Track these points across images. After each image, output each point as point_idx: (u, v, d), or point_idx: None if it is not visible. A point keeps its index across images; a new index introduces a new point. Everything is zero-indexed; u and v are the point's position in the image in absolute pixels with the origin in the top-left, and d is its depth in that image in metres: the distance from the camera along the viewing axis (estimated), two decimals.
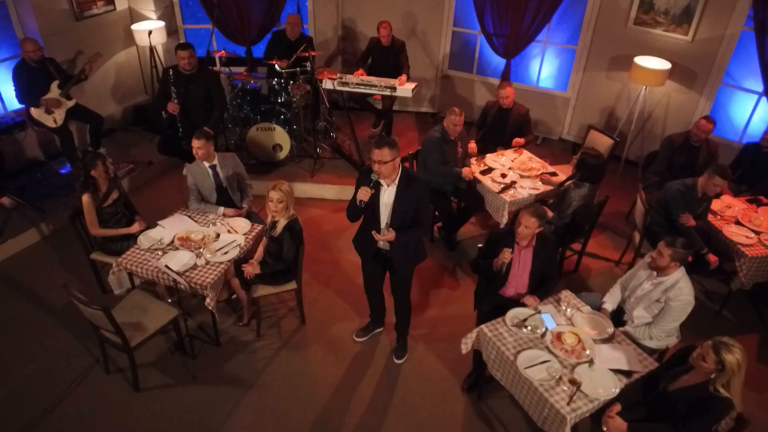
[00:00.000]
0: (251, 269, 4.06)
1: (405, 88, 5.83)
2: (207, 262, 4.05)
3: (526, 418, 3.81)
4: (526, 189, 5.05)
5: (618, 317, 3.86)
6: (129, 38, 6.78)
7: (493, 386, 3.96)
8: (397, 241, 3.61)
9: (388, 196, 3.56)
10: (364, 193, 3.44)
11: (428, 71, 7.50)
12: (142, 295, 4.09)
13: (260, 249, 4.24)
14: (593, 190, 4.62)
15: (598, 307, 3.87)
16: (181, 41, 7.17)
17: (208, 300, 3.90)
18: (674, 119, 6.45)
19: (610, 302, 3.88)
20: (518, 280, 3.91)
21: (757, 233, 4.63)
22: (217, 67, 6.36)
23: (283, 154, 6.24)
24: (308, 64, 6.10)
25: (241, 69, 7.02)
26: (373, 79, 5.88)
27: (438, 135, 5.07)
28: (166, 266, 3.85)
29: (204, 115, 5.56)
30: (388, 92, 5.84)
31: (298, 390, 4.01)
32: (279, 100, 6.26)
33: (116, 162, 6.01)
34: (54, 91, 5.45)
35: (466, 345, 3.76)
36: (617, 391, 3.23)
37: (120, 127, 6.90)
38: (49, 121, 5.45)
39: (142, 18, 6.78)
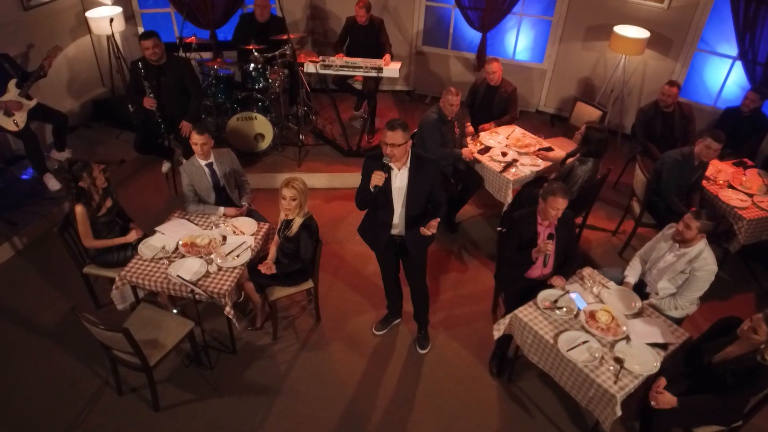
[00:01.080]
0: (266, 270, 3.86)
1: (391, 68, 5.64)
2: (219, 268, 3.81)
3: (559, 397, 3.87)
4: (527, 166, 5.04)
5: (639, 290, 3.92)
6: (81, 27, 6.23)
7: (521, 366, 3.99)
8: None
9: (400, 180, 3.45)
10: (379, 178, 3.32)
11: (402, 48, 7.31)
12: (152, 309, 3.82)
13: (273, 249, 4.03)
14: (597, 164, 4.64)
15: (619, 282, 3.93)
16: (139, 27, 6.69)
17: (227, 309, 3.68)
18: (650, 87, 6.57)
19: (631, 276, 3.94)
20: (542, 260, 3.89)
21: (750, 195, 4.81)
22: (179, 54, 5.95)
23: (265, 144, 5.96)
24: (287, 47, 5.81)
25: (209, 54, 6.62)
26: (358, 61, 5.65)
27: (435, 116, 4.95)
28: (179, 276, 3.61)
29: (180, 106, 5.19)
30: (374, 73, 5.64)
31: (327, 391, 3.89)
32: (256, 87, 5.94)
33: None
34: (12, 90, 4.93)
35: (499, 330, 3.74)
36: (658, 365, 3.29)
37: (81, 124, 6.37)
38: (9, 125, 4.94)
39: (95, 4, 6.23)
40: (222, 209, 4.29)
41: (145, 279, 3.74)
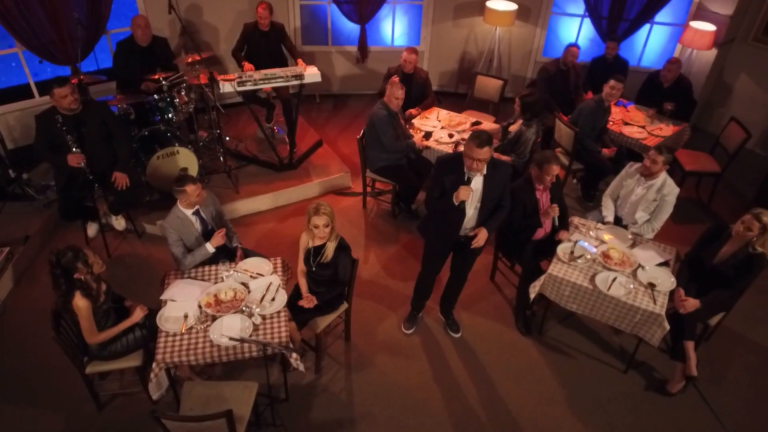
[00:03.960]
0: (308, 303, 3.66)
1: (313, 73, 5.49)
2: (264, 318, 3.51)
3: (584, 334, 4.42)
4: None
5: (617, 224, 4.56)
6: None
7: (540, 319, 4.41)
8: (490, 229, 3.68)
9: (474, 184, 3.54)
10: (466, 193, 3.41)
11: None
12: (202, 385, 3.39)
13: (303, 280, 3.81)
14: (539, 124, 5.17)
15: (602, 222, 4.52)
16: None
17: (295, 356, 3.42)
18: (518, 52, 7.38)
19: (609, 215, 4.56)
20: (547, 222, 4.31)
21: (642, 127, 5.80)
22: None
23: None
24: (197, 68, 5.32)
25: None
26: (277, 71, 5.38)
27: (384, 112, 5.01)
28: (233, 338, 3.25)
29: (108, 157, 4.49)
30: (295, 81, 5.43)
31: (399, 402, 3.86)
32: (165, 117, 5.33)
33: None
34: None
35: (534, 291, 4.08)
36: (674, 280, 3.93)
37: None
38: None
39: None
40: (208, 245, 3.84)
41: (189, 354, 3.28)
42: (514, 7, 6.74)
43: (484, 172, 3.52)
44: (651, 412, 3.88)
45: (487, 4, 6.72)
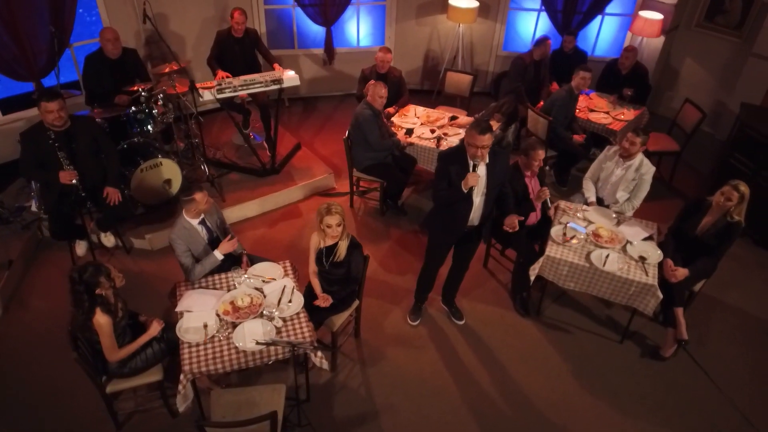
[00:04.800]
0: (325, 303, 3.72)
1: (291, 77, 5.50)
2: (284, 320, 3.54)
3: (578, 311, 4.65)
4: (454, 137, 5.56)
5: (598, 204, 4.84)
6: None
7: (536, 300, 4.63)
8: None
9: (479, 172, 3.66)
10: (475, 179, 3.53)
11: None
12: (228, 392, 3.39)
13: (316, 281, 3.86)
14: (516, 123, 5.42)
15: (586, 203, 4.79)
16: None
17: (320, 354, 3.47)
18: (480, 48, 7.63)
19: (592, 196, 4.83)
20: (539, 206, 4.53)
21: (606, 113, 6.14)
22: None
23: (175, 189, 5.32)
24: (173, 77, 5.24)
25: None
26: (256, 76, 5.37)
27: (369, 111, 5.11)
28: (259, 342, 3.28)
29: (99, 172, 4.38)
30: (274, 86, 5.43)
31: (416, 391, 3.98)
32: (144, 129, 5.22)
33: None
34: None
35: (534, 272, 4.28)
36: (660, 252, 4.23)
37: None
38: None
39: None
40: (217, 252, 3.84)
41: (216, 362, 3.28)
42: (475, 4, 6.97)
43: (487, 160, 3.66)
44: (649, 376, 4.17)
45: (450, 1, 6.92)
